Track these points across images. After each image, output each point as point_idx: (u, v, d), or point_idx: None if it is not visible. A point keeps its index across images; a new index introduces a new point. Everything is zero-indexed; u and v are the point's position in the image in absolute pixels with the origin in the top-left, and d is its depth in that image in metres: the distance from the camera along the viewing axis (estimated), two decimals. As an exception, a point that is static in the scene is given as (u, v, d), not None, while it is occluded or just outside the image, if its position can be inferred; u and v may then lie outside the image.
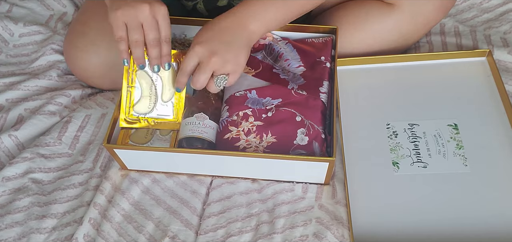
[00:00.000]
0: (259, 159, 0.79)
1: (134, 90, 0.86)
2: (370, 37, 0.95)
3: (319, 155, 0.79)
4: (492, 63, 0.91)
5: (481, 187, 0.79)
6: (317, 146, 0.80)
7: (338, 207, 0.80)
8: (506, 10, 1.05)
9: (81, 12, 1.03)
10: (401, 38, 0.96)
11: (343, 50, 0.96)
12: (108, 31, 0.96)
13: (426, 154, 0.83)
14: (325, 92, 0.85)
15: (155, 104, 0.85)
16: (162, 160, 0.83)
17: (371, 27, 0.94)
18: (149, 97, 0.85)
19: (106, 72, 0.98)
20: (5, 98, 1.00)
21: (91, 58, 0.96)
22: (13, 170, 0.88)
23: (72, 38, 0.99)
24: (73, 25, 1.02)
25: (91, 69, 0.98)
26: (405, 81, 0.94)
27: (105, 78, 0.99)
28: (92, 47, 0.96)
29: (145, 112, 0.85)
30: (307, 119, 0.82)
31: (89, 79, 1.00)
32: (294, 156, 0.77)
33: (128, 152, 0.82)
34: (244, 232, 0.79)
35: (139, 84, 0.85)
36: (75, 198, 0.86)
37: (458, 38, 1.02)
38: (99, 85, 1.02)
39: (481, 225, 0.75)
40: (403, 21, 0.93)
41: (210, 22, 0.81)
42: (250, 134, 0.82)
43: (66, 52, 1.01)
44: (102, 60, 0.96)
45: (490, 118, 0.86)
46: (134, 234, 0.80)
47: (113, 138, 0.85)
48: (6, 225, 0.82)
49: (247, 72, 0.88)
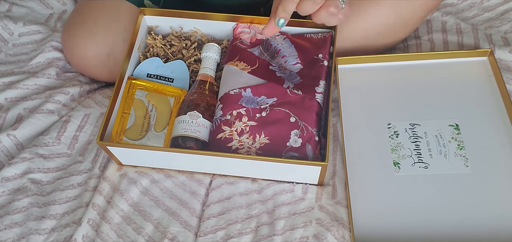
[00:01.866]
0: (251, 161, 0.79)
1: (127, 117, 0.87)
2: (367, 21, 0.93)
3: (312, 158, 0.79)
4: (494, 63, 0.91)
5: (482, 187, 0.78)
6: (310, 148, 0.79)
7: (339, 207, 0.80)
8: (507, 9, 1.04)
9: (79, 2, 1.04)
10: (398, 22, 0.94)
11: (339, 38, 0.94)
12: (105, 20, 0.97)
13: (427, 154, 0.82)
14: (321, 92, 0.85)
15: (147, 133, 0.86)
16: (156, 157, 0.83)
17: (366, 10, 0.93)
18: (142, 126, 0.86)
19: (104, 61, 0.98)
20: (4, 98, 1.00)
21: (88, 47, 0.97)
22: (12, 170, 0.88)
23: (70, 27, 1.00)
24: (71, 15, 1.03)
25: (88, 57, 0.98)
26: (406, 80, 0.93)
27: (103, 68, 1.00)
28: (89, 35, 0.97)
29: (136, 139, 0.85)
30: (301, 121, 0.81)
31: (87, 69, 1.01)
32: (285, 160, 0.77)
33: (121, 150, 0.82)
34: (244, 234, 0.79)
35: (133, 112, 0.86)
36: (74, 199, 0.86)
37: (460, 36, 1.02)
38: (97, 76, 1.03)
39: (482, 226, 0.75)
40: (400, 2, 0.92)
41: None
42: (243, 134, 0.81)
43: (64, 41, 1.02)
44: (100, 49, 0.97)
45: (492, 118, 0.86)
46: (133, 235, 0.80)
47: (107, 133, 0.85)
48: (5, 226, 0.82)
49: (243, 69, 0.88)
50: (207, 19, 0.94)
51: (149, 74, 0.92)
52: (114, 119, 0.86)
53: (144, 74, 0.92)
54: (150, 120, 0.87)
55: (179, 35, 0.97)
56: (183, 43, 0.95)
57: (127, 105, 0.88)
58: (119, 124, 0.86)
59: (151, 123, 0.87)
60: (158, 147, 0.84)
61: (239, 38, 0.93)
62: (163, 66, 0.93)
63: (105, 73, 1.01)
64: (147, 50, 0.96)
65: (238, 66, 0.89)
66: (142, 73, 0.92)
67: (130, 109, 0.88)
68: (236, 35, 0.94)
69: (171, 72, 0.92)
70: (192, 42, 0.96)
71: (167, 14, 0.95)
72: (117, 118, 0.86)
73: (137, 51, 0.94)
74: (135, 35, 0.93)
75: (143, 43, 0.96)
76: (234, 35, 0.94)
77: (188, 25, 0.96)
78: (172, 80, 0.91)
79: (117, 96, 0.87)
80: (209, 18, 0.94)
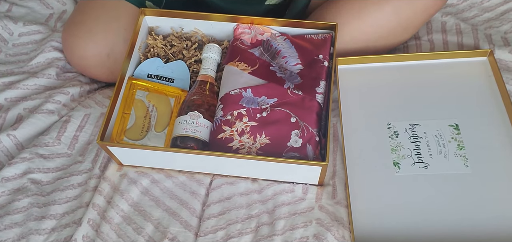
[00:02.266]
0: (252, 161, 0.79)
1: (128, 117, 0.87)
2: (367, 25, 0.94)
3: (313, 158, 0.79)
4: (493, 63, 0.91)
5: (482, 187, 0.79)
6: (310, 148, 0.79)
7: (339, 207, 0.80)
8: (507, 9, 1.04)
9: (79, 2, 1.04)
10: (400, 26, 0.95)
11: (340, 40, 0.94)
12: (105, 20, 0.97)
13: (427, 154, 0.82)
14: (322, 93, 0.85)
15: (148, 133, 0.86)
16: (157, 157, 0.83)
17: (368, 13, 0.93)
18: (142, 126, 0.86)
19: (104, 61, 0.98)
20: (4, 98, 1.00)
21: (88, 47, 0.97)
22: (12, 170, 0.88)
23: (70, 27, 1.00)
24: (71, 15, 1.03)
25: (88, 57, 0.98)
26: (406, 81, 0.93)
27: (103, 68, 0.99)
28: (89, 35, 0.97)
29: (136, 139, 0.85)
30: (301, 121, 0.81)
31: (87, 68, 1.01)
32: (286, 160, 0.77)
33: (122, 150, 0.82)
34: (244, 234, 0.79)
35: (134, 112, 0.86)
36: (74, 199, 0.86)
37: (460, 37, 1.02)
38: (97, 76, 1.02)
39: (482, 226, 0.75)
40: (401, 5, 0.92)
41: None
42: (243, 134, 0.82)
43: (64, 41, 1.02)
44: (100, 49, 0.97)
45: (491, 118, 0.86)
46: (133, 235, 0.80)
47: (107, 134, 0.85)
48: (5, 226, 0.82)
49: (244, 70, 0.88)
50: (207, 20, 0.95)
51: (150, 75, 0.92)
52: (115, 120, 0.86)
53: (144, 75, 0.92)
54: (150, 120, 0.87)
55: (180, 35, 0.97)
56: (184, 44, 0.96)
57: (127, 105, 0.88)
58: (120, 124, 0.86)
59: (152, 123, 0.87)
60: (158, 147, 0.84)
61: (239, 39, 0.93)
62: (164, 66, 0.93)
63: (105, 73, 1.01)
64: (148, 51, 0.96)
65: (239, 66, 0.89)
66: (142, 74, 0.92)
67: (130, 109, 0.88)
68: (236, 35, 0.94)
69: (171, 72, 0.92)
70: (192, 42, 0.96)
71: (168, 15, 0.95)
72: (118, 118, 0.86)
73: (138, 52, 0.94)
74: (136, 35, 0.93)
75: (144, 44, 0.97)
76: (235, 35, 0.94)
77: (189, 25, 0.96)
78: (173, 81, 0.91)
79: (118, 96, 0.87)
80: (209, 18, 0.94)
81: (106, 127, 0.84)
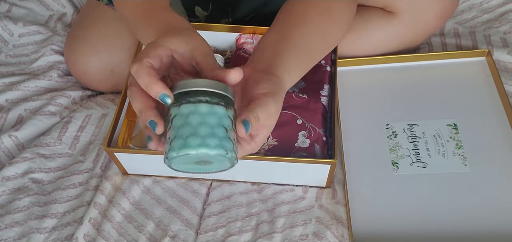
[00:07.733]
0: (261, 162, 0.78)
1: (133, 124, 0.87)
2: (370, 44, 0.96)
3: (321, 157, 0.79)
4: (491, 63, 0.92)
5: (480, 186, 0.79)
6: (318, 148, 0.80)
7: (338, 206, 0.81)
8: (506, 11, 1.05)
9: (81, 16, 1.03)
10: (401, 45, 0.96)
11: (342, 54, 0.96)
12: (109, 36, 0.97)
13: (425, 154, 0.83)
14: (326, 95, 0.86)
15: None
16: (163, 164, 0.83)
17: (372, 34, 0.95)
18: None
19: (107, 76, 0.98)
20: (5, 99, 1.00)
21: (92, 63, 0.96)
22: (13, 170, 0.88)
23: (73, 43, 0.99)
24: (73, 30, 1.02)
25: (92, 73, 0.98)
26: (404, 81, 0.94)
27: (107, 82, 0.99)
28: (93, 52, 0.96)
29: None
30: (308, 122, 0.82)
31: (90, 83, 1.00)
32: (295, 158, 0.77)
33: (128, 156, 0.82)
34: (244, 232, 0.79)
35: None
36: (75, 198, 0.86)
37: (458, 39, 1.02)
38: (100, 89, 1.02)
39: (480, 225, 0.75)
40: (404, 29, 0.94)
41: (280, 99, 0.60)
42: None
43: (67, 56, 1.01)
44: (103, 65, 0.96)
45: (490, 118, 0.86)
46: (134, 233, 0.80)
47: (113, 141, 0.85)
48: (6, 225, 0.82)
49: None
50: (210, 30, 0.95)
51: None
52: (120, 127, 0.86)
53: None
54: None
55: None
56: None
57: (133, 113, 0.88)
58: (125, 131, 0.86)
59: None
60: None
61: (242, 48, 0.93)
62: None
63: (108, 86, 1.00)
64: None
65: None
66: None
67: (136, 117, 0.88)
68: (239, 45, 0.94)
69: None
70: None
71: None
72: (123, 126, 0.86)
73: None
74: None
75: None
76: (237, 45, 0.95)
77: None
78: None
79: (123, 104, 0.87)
80: (211, 29, 0.95)
81: (113, 134, 0.84)
